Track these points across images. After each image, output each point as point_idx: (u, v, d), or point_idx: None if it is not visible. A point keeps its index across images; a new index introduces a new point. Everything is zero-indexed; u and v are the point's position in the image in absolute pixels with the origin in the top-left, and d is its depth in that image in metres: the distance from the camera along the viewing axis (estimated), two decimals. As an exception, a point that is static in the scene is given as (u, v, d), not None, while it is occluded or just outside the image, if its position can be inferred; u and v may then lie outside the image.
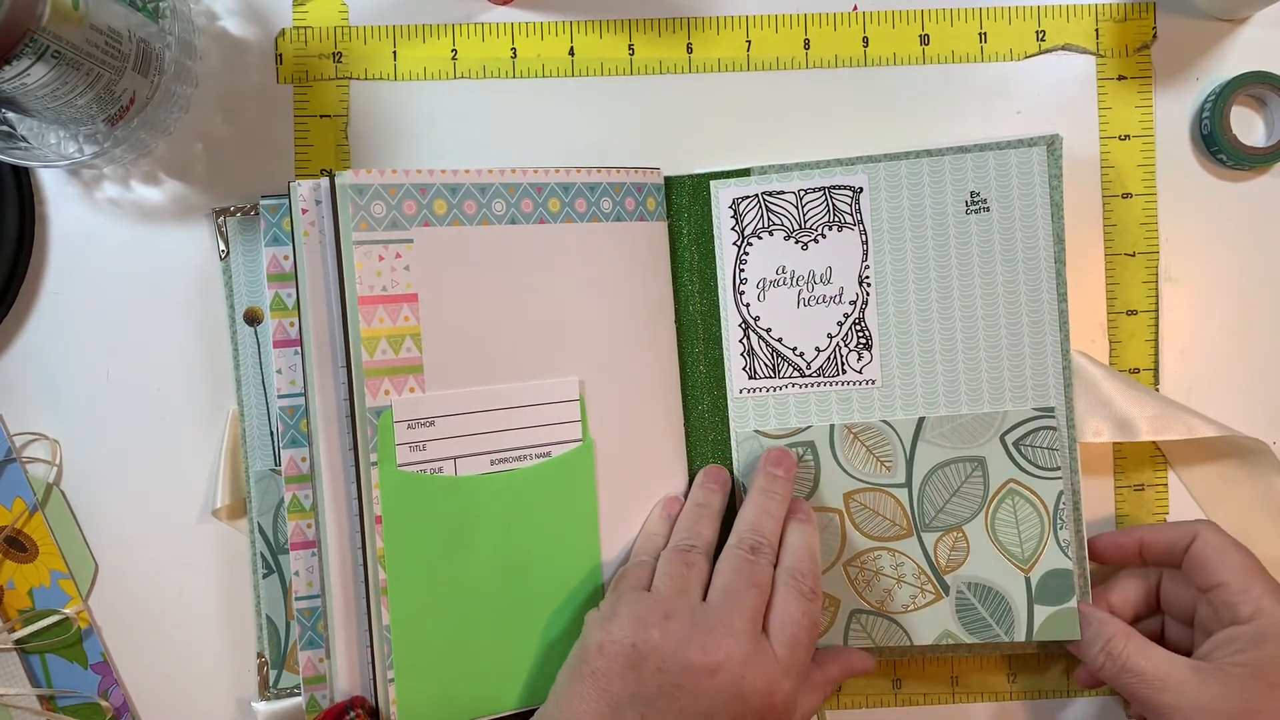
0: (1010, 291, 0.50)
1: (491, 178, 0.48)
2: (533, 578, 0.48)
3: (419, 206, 0.46)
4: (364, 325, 0.45)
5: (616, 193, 0.51)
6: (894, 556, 0.51)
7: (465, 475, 0.47)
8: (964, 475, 0.50)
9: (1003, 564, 0.50)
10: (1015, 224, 0.50)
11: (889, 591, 0.51)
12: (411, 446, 0.46)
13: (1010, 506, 0.50)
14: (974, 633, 0.50)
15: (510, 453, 0.48)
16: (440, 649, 0.46)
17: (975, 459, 0.50)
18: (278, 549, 0.52)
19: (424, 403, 0.46)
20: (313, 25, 0.54)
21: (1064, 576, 0.50)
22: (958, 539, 0.50)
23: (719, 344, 0.52)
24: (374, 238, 0.45)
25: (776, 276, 0.52)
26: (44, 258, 0.53)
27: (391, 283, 0.46)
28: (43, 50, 0.41)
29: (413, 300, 0.46)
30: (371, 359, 0.45)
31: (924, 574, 0.51)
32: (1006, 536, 0.50)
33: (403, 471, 0.45)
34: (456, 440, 0.47)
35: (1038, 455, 0.50)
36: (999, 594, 0.50)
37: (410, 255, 0.46)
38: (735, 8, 0.54)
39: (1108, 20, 0.54)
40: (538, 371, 0.48)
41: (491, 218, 0.48)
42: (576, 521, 0.49)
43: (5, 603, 0.53)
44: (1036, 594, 0.50)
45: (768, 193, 0.52)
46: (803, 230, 0.52)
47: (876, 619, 0.51)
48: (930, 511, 0.51)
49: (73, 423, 0.53)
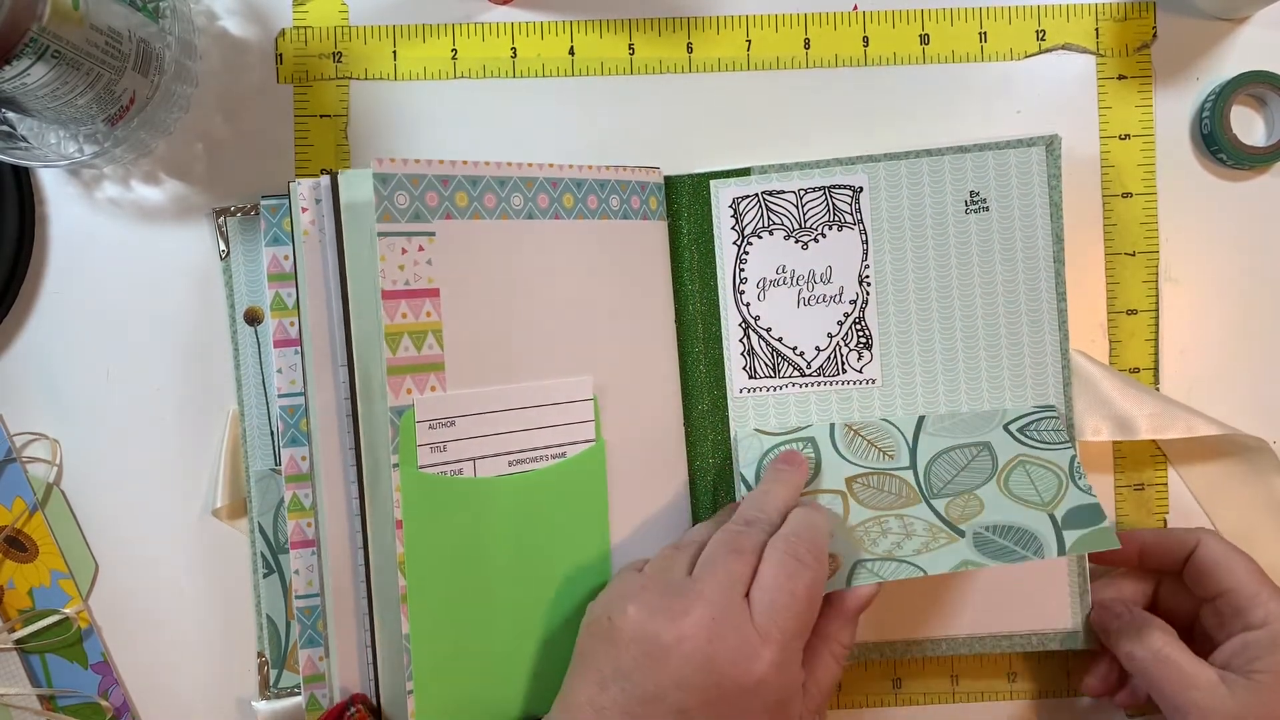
0: (1010, 291, 0.50)
1: (510, 171, 0.47)
2: (546, 581, 0.47)
3: (441, 198, 0.45)
4: (387, 320, 0.43)
5: (623, 190, 0.50)
6: (903, 520, 0.47)
7: (484, 477, 0.45)
8: (971, 456, 0.49)
9: (1023, 510, 0.46)
10: (1015, 224, 0.50)
11: (898, 543, 0.46)
12: (433, 447, 0.44)
13: (1024, 472, 0.48)
14: (998, 557, 0.44)
15: (528, 453, 0.47)
16: (458, 656, 0.45)
17: (981, 443, 0.50)
18: (278, 549, 0.51)
19: (445, 402, 0.45)
20: (313, 25, 0.54)
21: (1092, 510, 0.45)
22: (969, 499, 0.47)
23: (719, 343, 0.52)
24: (398, 229, 0.44)
25: (776, 276, 0.52)
26: (44, 258, 0.53)
27: (414, 276, 0.44)
28: (43, 50, 0.41)
29: (434, 295, 0.44)
30: (394, 356, 0.43)
31: (935, 527, 0.46)
32: (1023, 491, 0.47)
33: (423, 474, 0.44)
34: (476, 441, 0.45)
35: (1044, 435, 0.49)
36: (1021, 528, 0.45)
37: (432, 248, 0.44)
38: (735, 8, 0.54)
39: (1108, 20, 0.54)
40: (551, 370, 0.48)
41: (510, 211, 0.47)
42: (588, 522, 0.48)
43: (5, 603, 0.53)
44: (1064, 523, 0.45)
45: (768, 192, 0.52)
46: (803, 230, 0.52)
47: (884, 563, 0.45)
48: (938, 485, 0.49)
49: (73, 423, 0.53)
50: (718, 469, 0.52)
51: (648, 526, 0.51)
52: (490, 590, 0.46)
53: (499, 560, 0.46)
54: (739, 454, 0.52)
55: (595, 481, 0.49)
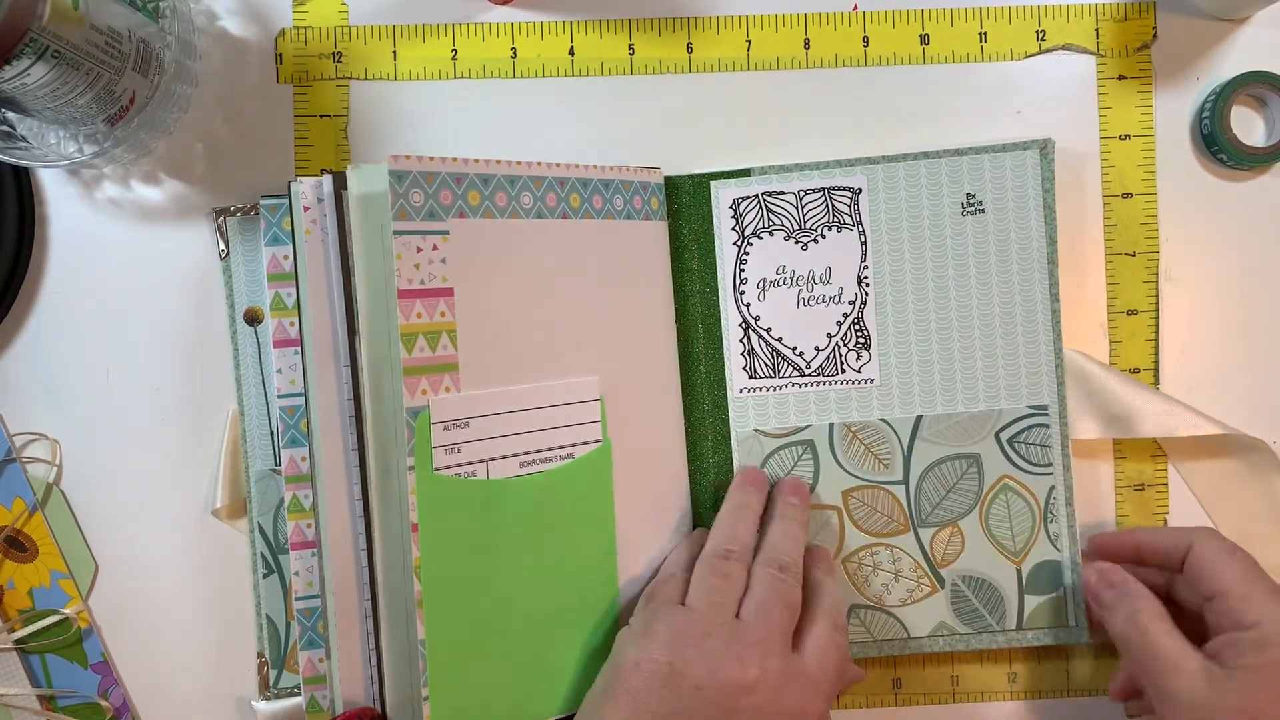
0: (1005, 292, 0.51)
1: (520, 169, 0.47)
2: (555, 583, 0.47)
3: (455, 196, 0.44)
4: (402, 320, 0.43)
5: (626, 190, 0.50)
6: (892, 552, 0.52)
7: (496, 479, 0.45)
8: (960, 472, 0.51)
9: (995, 557, 0.51)
10: (1010, 226, 0.51)
11: (886, 586, 0.52)
12: (447, 449, 0.44)
13: (1004, 502, 0.51)
14: (968, 623, 0.52)
15: (538, 454, 0.47)
16: (471, 661, 0.45)
17: (971, 456, 0.51)
18: (278, 549, 0.51)
19: (460, 403, 0.44)
20: (313, 25, 0.54)
21: (1053, 568, 0.51)
22: (953, 534, 0.52)
23: (719, 344, 0.52)
24: (412, 228, 0.43)
25: (777, 276, 0.52)
26: (44, 258, 0.53)
27: (429, 275, 0.43)
28: (43, 50, 0.41)
29: (449, 295, 0.44)
30: (410, 356, 0.43)
31: (921, 568, 0.52)
32: (1000, 530, 0.51)
33: (438, 476, 0.43)
34: (490, 442, 0.45)
35: (1031, 452, 0.51)
36: (992, 585, 0.51)
37: (446, 247, 0.44)
38: (735, 8, 0.54)
39: (1108, 20, 0.54)
40: (559, 370, 0.48)
41: (520, 211, 0.46)
42: (595, 524, 0.48)
43: (5, 603, 0.53)
44: (1027, 584, 0.51)
45: (768, 193, 0.52)
46: (802, 230, 0.52)
47: (874, 613, 0.52)
48: (927, 507, 0.52)
49: (73, 423, 0.53)
50: (718, 469, 0.52)
51: (650, 527, 0.51)
52: (503, 593, 0.45)
53: (511, 563, 0.46)
54: (738, 459, 0.52)
55: (602, 482, 0.49)
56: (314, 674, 0.49)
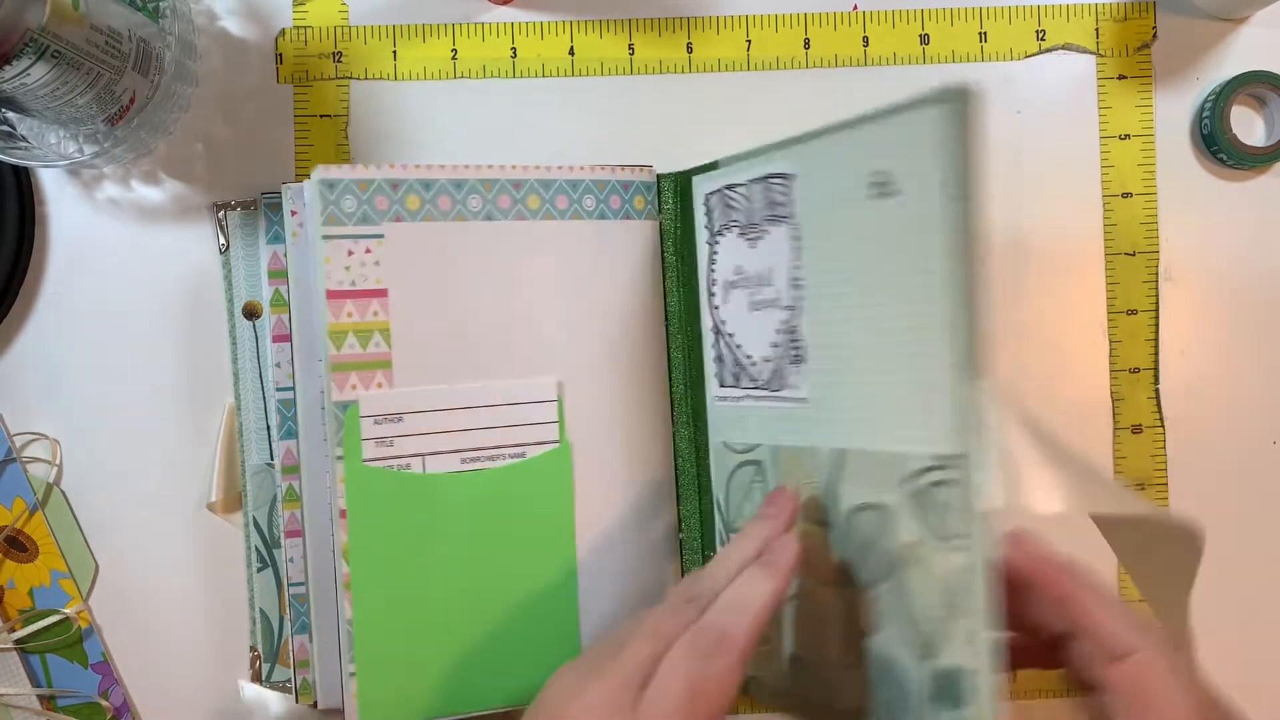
0: (909, 301, 0.37)
1: (467, 173, 0.47)
2: (502, 579, 0.48)
3: (390, 202, 0.46)
4: (330, 319, 0.45)
5: (601, 190, 0.50)
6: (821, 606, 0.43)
7: (434, 473, 0.47)
8: (878, 526, 0.40)
9: (909, 647, 0.39)
10: (915, 212, 0.36)
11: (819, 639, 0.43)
12: (378, 442, 0.46)
13: (919, 576, 0.38)
14: None
15: (482, 452, 0.47)
16: (403, 646, 0.46)
17: (886, 508, 0.39)
18: (272, 543, 0.52)
19: (392, 398, 0.46)
20: (313, 25, 0.54)
21: (960, 677, 0.36)
22: (873, 600, 0.40)
23: (700, 348, 0.49)
24: (343, 232, 0.45)
25: (735, 277, 0.46)
26: (44, 258, 0.53)
27: (361, 277, 0.45)
28: (43, 50, 0.41)
29: (383, 295, 0.46)
30: (338, 353, 0.45)
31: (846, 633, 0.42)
32: (915, 607, 0.38)
33: (368, 467, 0.45)
34: (426, 437, 0.46)
35: (945, 518, 0.36)
36: (900, 685, 0.39)
37: (381, 250, 0.46)
38: (735, 8, 0.54)
39: (1108, 20, 0.54)
40: (515, 371, 0.48)
41: (466, 213, 0.47)
42: (551, 525, 0.49)
43: (5, 603, 0.53)
44: (934, 693, 0.38)
45: (728, 185, 0.47)
46: (750, 226, 0.45)
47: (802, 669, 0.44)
48: (850, 565, 0.41)
49: (73, 423, 0.53)
50: (702, 480, 0.51)
51: (624, 534, 0.50)
52: (441, 583, 0.47)
53: (451, 555, 0.47)
54: (714, 472, 0.49)
55: (559, 483, 0.49)
56: (305, 657, 0.50)
